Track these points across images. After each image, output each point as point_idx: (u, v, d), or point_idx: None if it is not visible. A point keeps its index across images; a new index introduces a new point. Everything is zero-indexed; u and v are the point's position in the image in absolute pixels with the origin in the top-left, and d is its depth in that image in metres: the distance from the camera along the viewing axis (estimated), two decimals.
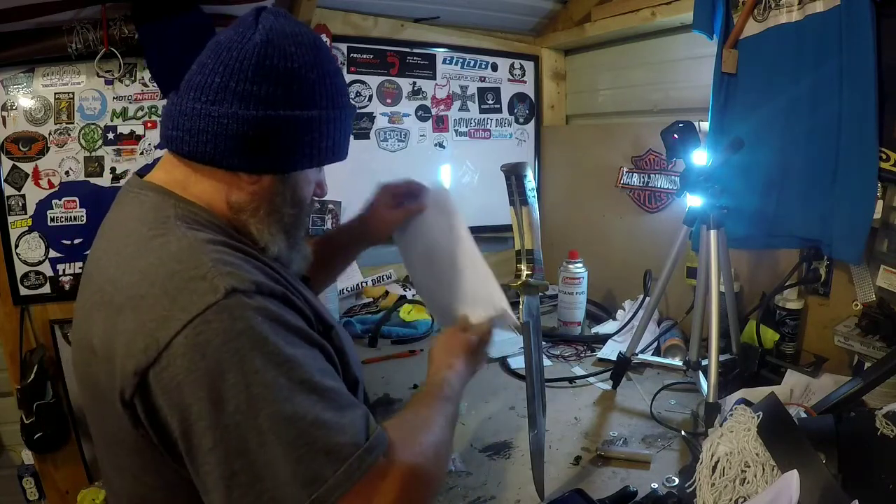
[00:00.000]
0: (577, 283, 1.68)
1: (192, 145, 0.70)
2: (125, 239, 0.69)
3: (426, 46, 2.00)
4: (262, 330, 0.60)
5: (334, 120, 0.75)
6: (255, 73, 0.68)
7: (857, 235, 1.15)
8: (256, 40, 0.68)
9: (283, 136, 0.71)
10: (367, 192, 2.05)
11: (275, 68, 0.69)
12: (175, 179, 0.74)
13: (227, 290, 0.60)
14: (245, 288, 0.61)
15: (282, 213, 0.76)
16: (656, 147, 1.72)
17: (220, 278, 0.60)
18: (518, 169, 0.95)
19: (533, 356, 0.98)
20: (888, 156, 1.11)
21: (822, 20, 1.19)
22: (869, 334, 1.16)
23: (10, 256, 1.56)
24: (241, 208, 0.74)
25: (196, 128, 0.69)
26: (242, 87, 0.68)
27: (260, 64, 0.68)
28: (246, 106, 0.68)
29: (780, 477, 0.77)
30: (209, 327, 0.58)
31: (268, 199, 0.75)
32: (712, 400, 1.10)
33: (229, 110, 0.68)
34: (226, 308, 0.59)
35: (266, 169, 0.73)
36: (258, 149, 0.70)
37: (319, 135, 0.74)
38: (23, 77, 1.52)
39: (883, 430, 0.79)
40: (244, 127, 0.69)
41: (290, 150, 0.72)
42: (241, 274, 0.63)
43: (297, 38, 0.71)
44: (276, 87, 0.69)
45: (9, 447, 1.79)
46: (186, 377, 0.57)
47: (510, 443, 1.15)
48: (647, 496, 0.94)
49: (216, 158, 0.71)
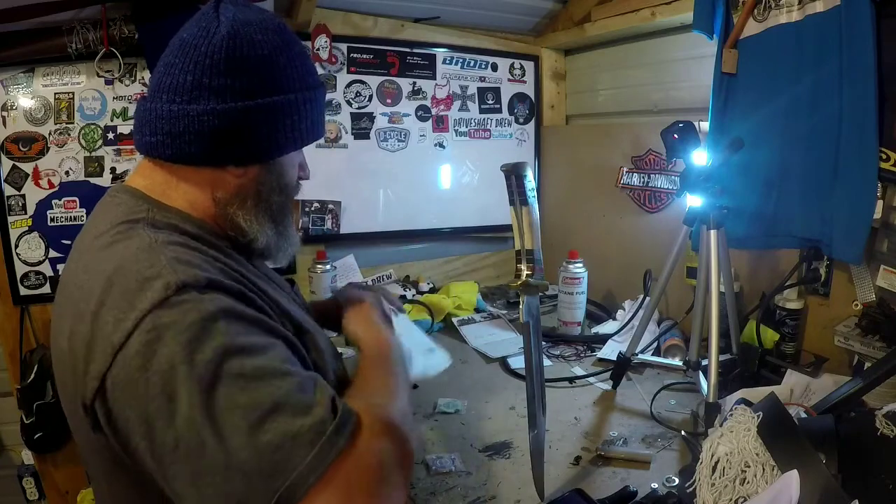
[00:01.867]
0: (577, 283, 1.68)
1: (175, 148, 0.70)
2: (94, 243, 0.68)
3: (426, 46, 2.00)
4: (214, 320, 0.58)
5: (309, 100, 0.76)
6: (226, 66, 0.69)
7: (857, 235, 1.15)
8: (223, 33, 0.68)
9: (265, 123, 0.72)
10: (366, 193, 2.07)
11: (245, 58, 0.69)
12: (155, 183, 0.73)
13: (177, 286, 0.59)
14: (196, 283, 0.60)
15: (270, 202, 0.77)
16: (656, 147, 1.72)
17: (172, 275, 0.59)
18: (518, 169, 0.95)
19: (533, 356, 0.98)
20: (888, 156, 1.11)
21: (822, 20, 1.19)
22: (869, 334, 1.16)
23: (10, 256, 1.56)
24: (228, 202, 0.74)
25: (176, 130, 0.69)
26: (217, 81, 0.68)
27: (230, 56, 0.69)
28: (223, 100, 0.69)
29: (780, 477, 0.77)
30: (159, 322, 0.57)
31: (254, 189, 0.75)
32: (712, 400, 1.10)
33: (207, 107, 0.68)
34: (176, 303, 0.58)
35: (252, 159, 0.73)
36: (242, 140, 0.71)
37: (298, 117, 0.74)
38: (23, 77, 1.52)
39: (883, 430, 0.79)
40: (225, 121, 0.69)
41: (272, 137, 0.73)
42: (195, 271, 0.62)
43: (261, 24, 0.72)
44: (250, 76, 0.70)
45: (9, 447, 1.79)
46: (141, 375, 0.55)
47: (510, 443, 1.15)
48: (647, 496, 0.94)
49: (202, 157, 0.71)
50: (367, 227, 2.00)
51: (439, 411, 1.27)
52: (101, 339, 0.58)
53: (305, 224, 1.89)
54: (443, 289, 1.98)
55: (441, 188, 2.11)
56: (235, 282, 0.66)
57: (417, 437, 0.80)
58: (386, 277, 2.04)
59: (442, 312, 1.80)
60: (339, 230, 1.95)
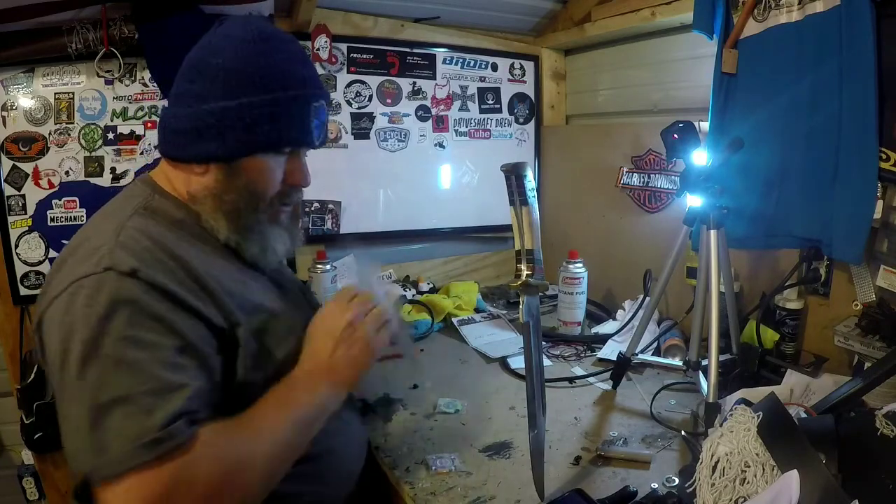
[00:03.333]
0: (577, 283, 1.68)
1: (160, 144, 0.86)
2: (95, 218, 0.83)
3: (426, 46, 2.00)
4: (118, 306, 0.68)
5: (267, 105, 0.79)
6: (189, 73, 0.80)
7: (857, 235, 1.15)
8: (202, 44, 0.80)
9: (215, 125, 0.79)
10: (366, 193, 2.07)
11: (206, 65, 0.79)
12: (162, 173, 0.87)
13: (104, 267, 0.70)
14: (121, 269, 0.70)
15: (223, 200, 0.83)
16: (656, 147, 1.72)
17: (107, 256, 0.71)
18: (518, 169, 0.95)
19: (533, 356, 0.98)
20: (888, 156, 1.11)
21: (822, 20, 1.19)
22: (869, 334, 1.16)
23: (10, 256, 1.56)
24: (195, 199, 0.84)
25: (160, 128, 0.85)
26: (182, 87, 0.81)
27: (193, 64, 0.81)
28: (187, 104, 0.80)
29: (779, 477, 0.77)
30: (80, 290, 0.69)
31: (213, 187, 0.83)
32: (712, 400, 1.10)
33: (175, 110, 0.82)
34: (97, 280, 0.69)
35: (209, 157, 0.82)
36: (198, 141, 0.80)
37: (253, 122, 0.79)
38: (23, 77, 1.52)
39: (883, 430, 0.79)
40: (184, 122, 0.80)
41: (221, 137, 0.80)
42: (127, 258, 0.71)
43: (238, 36, 0.80)
44: (206, 82, 0.79)
45: (9, 447, 1.79)
46: (53, 325, 0.69)
47: (510, 443, 1.15)
48: (647, 496, 0.94)
49: (175, 154, 0.84)
50: (367, 227, 2.00)
51: (439, 411, 1.27)
52: (49, 291, 0.73)
53: (305, 224, 1.89)
54: (443, 289, 1.98)
55: (441, 188, 2.11)
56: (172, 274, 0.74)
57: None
58: (386, 277, 2.04)
59: (442, 312, 1.80)
60: (339, 230, 1.95)
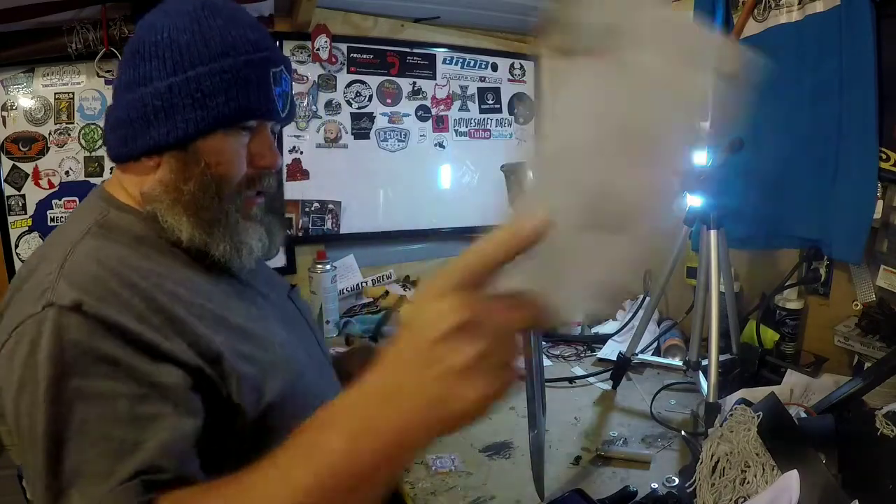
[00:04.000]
0: None
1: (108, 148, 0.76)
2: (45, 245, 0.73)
3: (426, 46, 2.00)
4: (62, 352, 0.57)
5: (217, 73, 0.70)
6: (130, 59, 0.71)
7: (857, 235, 1.15)
8: (140, 24, 0.72)
9: (162, 107, 0.69)
10: (366, 193, 2.06)
11: (145, 45, 0.70)
12: (116, 181, 0.76)
13: (44, 304, 0.59)
14: (63, 304, 0.59)
15: (182, 191, 0.71)
16: None
17: (49, 292, 0.60)
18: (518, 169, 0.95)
19: (533, 356, 0.98)
20: (888, 156, 1.11)
21: (822, 20, 1.19)
22: (869, 334, 1.16)
23: (10, 256, 1.56)
24: (150, 199, 0.71)
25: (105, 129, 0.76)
26: (125, 76, 0.71)
27: (134, 49, 0.71)
28: (128, 90, 0.70)
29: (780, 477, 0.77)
30: (22, 338, 0.59)
31: (170, 180, 0.71)
32: (712, 400, 1.10)
33: (117, 101, 0.73)
34: (37, 322, 0.58)
35: (160, 146, 0.71)
36: (146, 128, 0.70)
37: (201, 94, 0.69)
38: (23, 77, 1.52)
39: (883, 430, 0.79)
40: (126, 112, 0.70)
41: (172, 119, 0.70)
42: (70, 290, 0.60)
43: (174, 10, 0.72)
44: (148, 62, 0.70)
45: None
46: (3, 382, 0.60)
47: (510, 443, 1.15)
48: (647, 496, 0.94)
49: (119, 152, 0.73)
50: (367, 227, 2.00)
51: None
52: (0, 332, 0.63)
53: (305, 224, 1.89)
54: None
55: (441, 188, 2.11)
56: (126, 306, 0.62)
57: None
58: (386, 277, 2.04)
59: None
60: (339, 230, 1.94)
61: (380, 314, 1.81)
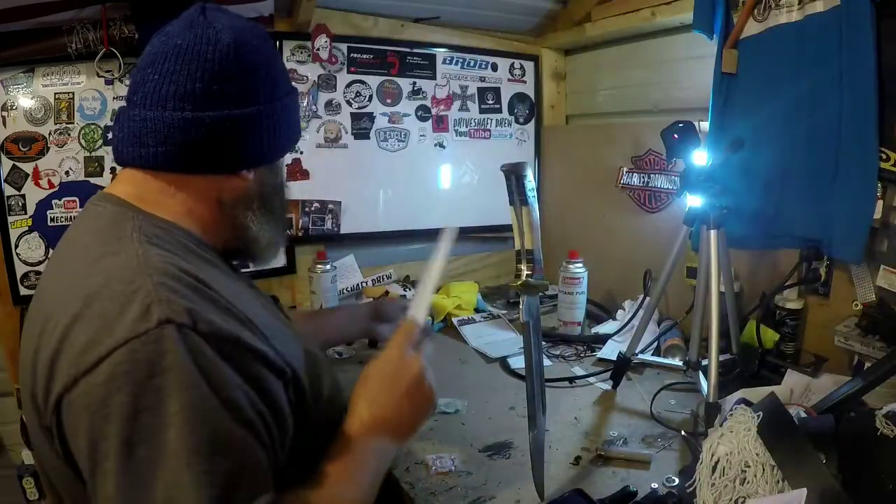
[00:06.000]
0: (577, 283, 1.68)
1: (187, 157, 0.68)
2: (76, 255, 0.66)
3: (426, 46, 2.00)
4: (190, 374, 0.54)
5: (296, 101, 0.80)
6: (237, 73, 0.70)
7: (857, 235, 1.15)
8: (227, 41, 0.69)
9: (272, 126, 0.73)
10: (366, 193, 2.07)
11: (253, 64, 0.71)
12: (148, 192, 0.70)
13: (160, 320, 0.54)
14: (181, 321, 0.55)
15: (273, 202, 0.78)
16: (656, 147, 1.72)
17: (157, 305, 0.55)
18: (518, 169, 0.95)
19: (533, 356, 0.98)
20: (888, 156, 1.11)
21: (822, 20, 1.19)
22: (869, 334, 1.16)
23: (10, 256, 1.56)
24: (234, 206, 0.74)
25: (190, 139, 0.67)
26: (230, 88, 0.69)
27: (239, 63, 0.70)
28: (238, 105, 0.69)
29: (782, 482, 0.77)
30: (133, 357, 0.53)
31: (259, 190, 0.76)
32: (712, 400, 1.10)
33: (223, 113, 0.68)
34: (155, 339, 0.53)
35: (262, 161, 0.75)
36: (255, 144, 0.72)
37: (292, 118, 0.78)
38: (23, 77, 1.52)
39: (883, 430, 0.79)
40: (241, 126, 0.70)
41: (278, 138, 0.75)
42: (182, 303, 0.57)
43: (254, 31, 0.74)
44: (257, 81, 0.72)
45: (9, 447, 1.79)
46: (100, 409, 0.52)
47: (510, 443, 1.15)
48: (647, 496, 0.94)
49: (216, 164, 0.71)
50: (367, 227, 2.00)
51: (439, 411, 1.27)
52: (70, 358, 0.55)
53: (305, 224, 1.89)
54: (443, 289, 1.98)
55: (441, 188, 2.11)
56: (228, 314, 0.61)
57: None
58: (386, 277, 2.04)
59: (442, 312, 1.80)
60: (339, 230, 1.95)
61: None
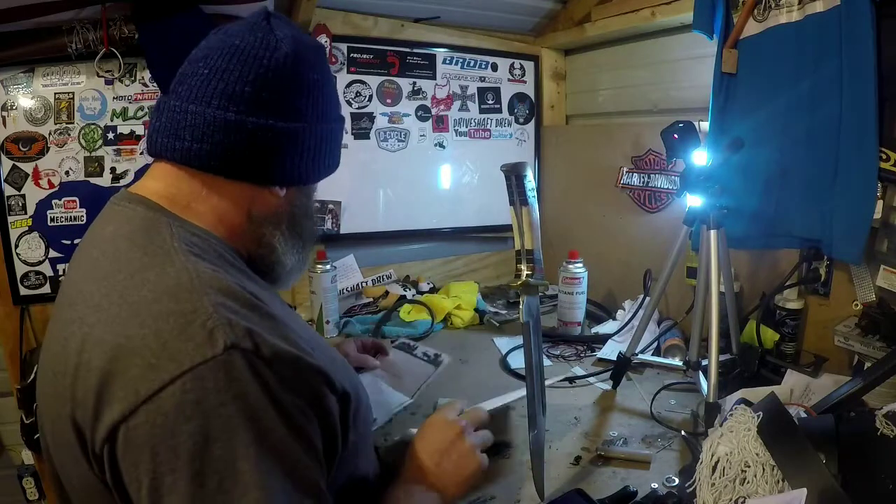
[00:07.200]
0: (577, 283, 1.68)
1: (224, 159, 0.65)
2: (111, 261, 0.61)
3: (426, 46, 2.00)
4: (258, 401, 0.52)
5: (341, 130, 0.78)
6: (290, 85, 0.67)
7: (857, 235, 1.15)
8: (286, 50, 0.66)
9: (313, 147, 0.70)
10: (366, 193, 2.07)
11: (307, 80, 0.68)
12: (180, 193, 0.67)
13: (226, 346, 0.52)
14: (246, 346, 0.53)
15: (302, 226, 0.76)
16: (656, 147, 1.72)
17: (221, 329, 0.53)
18: (518, 169, 0.95)
19: (533, 356, 0.98)
20: (888, 156, 1.11)
21: (822, 20, 1.19)
22: (869, 334, 1.16)
23: (10, 256, 1.56)
24: (263, 222, 0.72)
25: (229, 141, 0.64)
26: (279, 98, 0.66)
27: (294, 76, 0.67)
28: (283, 118, 0.66)
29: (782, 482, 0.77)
30: (201, 385, 0.50)
31: (289, 211, 0.74)
32: (712, 400, 1.10)
33: (267, 122, 0.65)
34: (223, 366, 0.52)
35: (296, 181, 0.72)
36: (293, 161, 0.69)
37: (334, 144, 0.76)
38: (23, 77, 1.52)
39: (883, 430, 0.79)
40: (281, 140, 0.67)
41: (317, 161, 0.72)
42: (243, 325, 0.55)
43: (314, 48, 0.71)
44: (307, 98, 0.69)
45: (9, 447, 1.79)
46: (165, 440, 0.50)
47: (510, 443, 1.15)
48: (647, 496, 0.94)
49: (250, 172, 0.68)
50: (367, 227, 2.00)
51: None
52: (125, 382, 0.52)
53: None
54: (443, 289, 1.98)
55: (441, 188, 2.11)
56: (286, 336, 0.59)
57: None
58: (386, 277, 2.04)
59: (442, 312, 1.80)
60: (339, 230, 1.95)
61: (379, 314, 1.81)
